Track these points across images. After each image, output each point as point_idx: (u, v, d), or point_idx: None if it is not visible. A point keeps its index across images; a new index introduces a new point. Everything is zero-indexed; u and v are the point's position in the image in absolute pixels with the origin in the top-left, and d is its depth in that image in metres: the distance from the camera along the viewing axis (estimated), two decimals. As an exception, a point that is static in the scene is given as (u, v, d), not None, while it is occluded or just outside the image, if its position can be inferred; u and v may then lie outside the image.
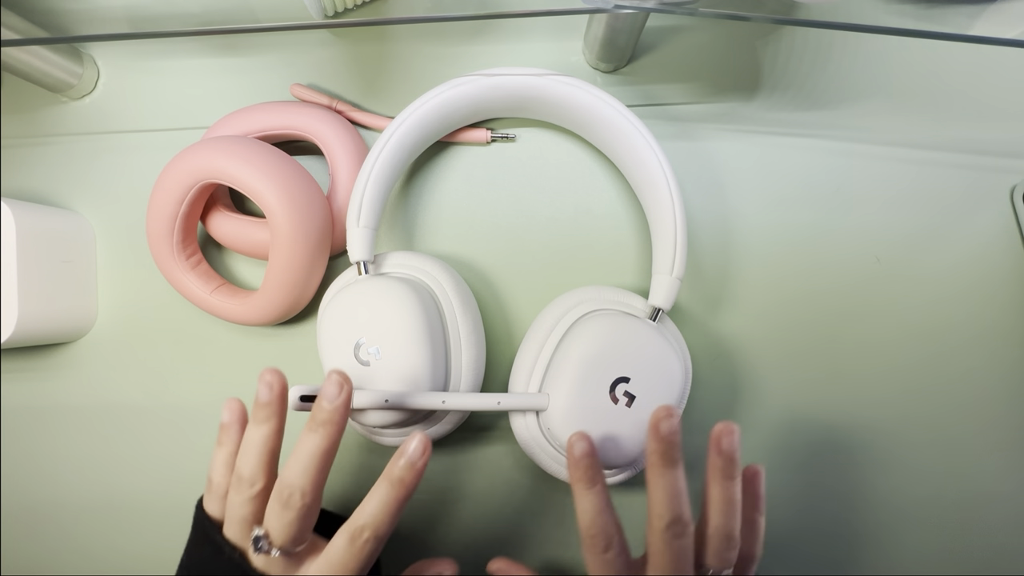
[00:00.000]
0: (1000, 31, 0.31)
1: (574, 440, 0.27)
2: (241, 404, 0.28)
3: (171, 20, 0.36)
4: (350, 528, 0.25)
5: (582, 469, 0.26)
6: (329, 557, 0.25)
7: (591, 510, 0.26)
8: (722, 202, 0.37)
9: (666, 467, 0.25)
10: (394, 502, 0.25)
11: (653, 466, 0.25)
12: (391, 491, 0.25)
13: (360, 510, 0.25)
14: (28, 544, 0.37)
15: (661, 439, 0.25)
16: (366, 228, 0.32)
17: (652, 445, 0.25)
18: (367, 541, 0.24)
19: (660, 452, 0.25)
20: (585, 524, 0.26)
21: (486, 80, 0.33)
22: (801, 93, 0.37)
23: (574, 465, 0.26)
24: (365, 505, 0.25)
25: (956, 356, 0.36)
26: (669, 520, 0.25)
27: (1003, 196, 0.37)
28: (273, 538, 0.25)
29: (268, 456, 0.26)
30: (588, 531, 0.26)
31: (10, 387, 0.38)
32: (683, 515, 0.25)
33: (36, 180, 0.39)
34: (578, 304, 0.32)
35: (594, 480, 0.26)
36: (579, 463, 0.26)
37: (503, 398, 0.30)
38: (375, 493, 0.25)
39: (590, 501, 0.26)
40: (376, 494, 0.25)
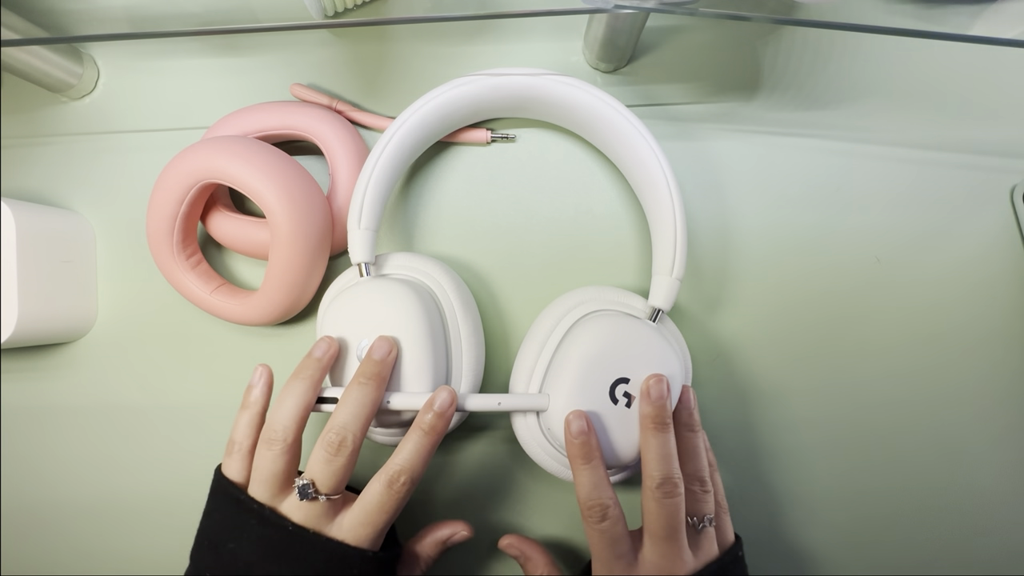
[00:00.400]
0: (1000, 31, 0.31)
1: (571, 419, 0.28)
2: (270, 370, 0.30)
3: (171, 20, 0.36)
4: (387, 473, 0.26)
5: (578, 446, 0.28)
6: (366, 502, 0.27)
7: (588, 483, 0.27)
8: (722, 202, 0.37)
9: (657, 430, 0.27)
10: (426, 448, 0.27)
11: (645, 430, 0.28)
12: (423, 438, 0.27)
13: (395, 457, 0.27)
14: (28, 544, 0.37)
15: (652, 403, 0.28)
16: (367, 230, 0.32)
17: (644, 409, 0.28)
18: (403, 484, 0.26)
19: (651, 416, 0.27)
20: (583, 497, 0.27)
21: (487, 80, 0.33)
22: (801, 93, 0.37)
23: (571, 442, 0.28)
24: (399, 452, 0.27)
25: (956, 356, 0.36)
26: (660, 479, 0.27)
27: (1003, 196, 0.37)
28: (319, 485, 0.26)
29: (303, 411, 0.27)
30: (586, 503, 0.27)
31: (10, 387, 0.38)
32: (673, 475, 0.27)
33: (36, 180, 0.39)
34: (578, 305, 0.32)
35: (590, 456, 0.28)
36: (576, 439, 0.28)
37: (504, 399, 0.30)
38: (408, 441, 0.27)
39: (587, 475, 0.27)
40: (409, 442, 0.27)
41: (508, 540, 0.32)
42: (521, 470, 0.36)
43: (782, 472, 0.36)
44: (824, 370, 0.36)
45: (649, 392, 0.28)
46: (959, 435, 0.36)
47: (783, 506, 0.36)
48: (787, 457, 0.36)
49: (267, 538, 0.26)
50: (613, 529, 0.27)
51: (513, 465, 0.36)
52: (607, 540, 0.27)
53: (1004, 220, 0.37)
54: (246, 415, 0.29)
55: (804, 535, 0.36)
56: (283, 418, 0.27)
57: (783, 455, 0.36)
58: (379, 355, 0.28)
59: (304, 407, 0.27)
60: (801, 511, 0.36)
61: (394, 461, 0.27)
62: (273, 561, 0.26)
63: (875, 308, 0.36)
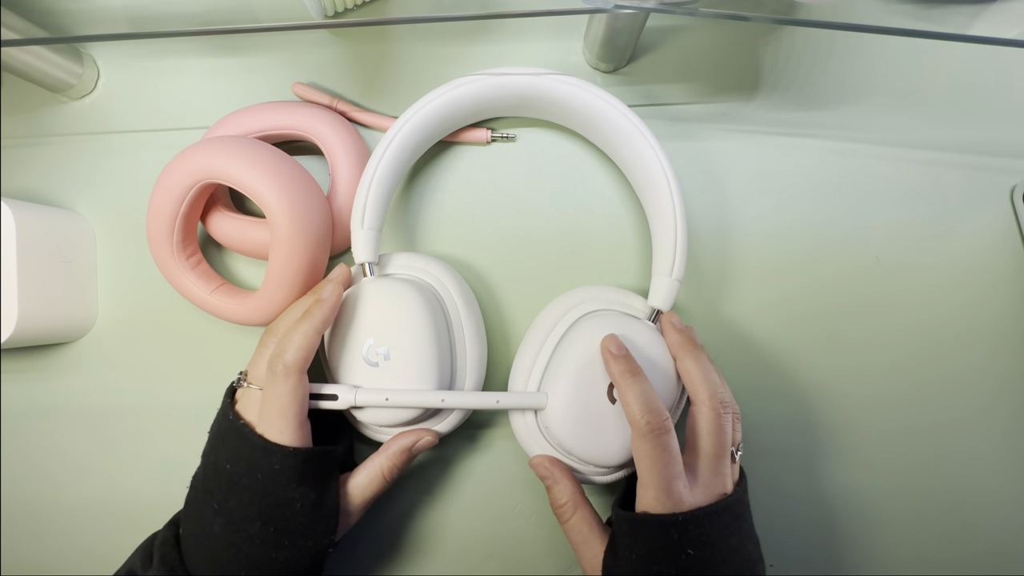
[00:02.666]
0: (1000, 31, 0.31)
1: (608, 340, 0.28)
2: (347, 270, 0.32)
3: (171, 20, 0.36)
4: (269, 364, 0.28)
5: (624, 362, 0.28)
6: (265, 395, 0.28)
7: (643, 396, 0.27)
8: (722, 202, 0.37)
9: (694, 350, 0.29)
10: (301, 328, 0.28)
11: (683, 352, 0.29)
12: (300, 322, 0.28)
13: (277, 345, 0.28)
14: (28, 544, 0.37)
15: (617, 358, 0.28)
16: (370, 230, 0.32)
17: (672, 337, 0.30)
18: (283, 369, 0.27)
19: (621, 370, 0.28)
20: (640, 411, 0.26)
21: (488, 80, 0.33)
22: (801, 93, 0.37)
23: (615, 359, 0.28)
24: (281, 341, 0.28)
25: (956, 356, 0.36)
26: (716, 395, 0.28)
27: (1003, 196, 0.37)
28: (249, 375, 0.30)
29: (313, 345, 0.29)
30: (645, 417, 0.26)
31: (10, 387, 0.38)
32: (723, 392, 0.29)
33: (36, 180, 0.39)
34: (578, 304, 0.32)
35: (636, 370, 0.28)
36: (619, 357, 0.28)
37: (502, 397, 0.30)
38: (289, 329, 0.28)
39: (639, 388, 0.27)
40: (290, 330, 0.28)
41: (538, 459, 0.31)
42: (519, 468, 0.36)
43: (780, 471, 0.36)
44: (824, 369, 0.36)
45: (611, 349, 0.28)
46: (959, 434, 0.36)
47: (780, 505, 0.36)
48: (786, 456, 0.36)
49: (218, 425, 0.29)
50: (672, 444, 0.26)
51: (511, 463, 0.36)
52: (669, 456, 0.26)
53: (1004, 220, 0.37)
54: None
55: (801, 534, 0.36)
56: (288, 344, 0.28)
57: (782, 454, 0.36)
58: (335, 275, 0.31)
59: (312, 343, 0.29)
60: (798, 510, 0.36)
61: (275, 350, 0.28)
62: (220, 447, 0.28)
63: (875, 308, 0.36)
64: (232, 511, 0.27)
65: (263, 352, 0.30)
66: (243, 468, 0.27)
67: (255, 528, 0.27)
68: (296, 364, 0.27)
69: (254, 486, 0.27)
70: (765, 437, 0.36)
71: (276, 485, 0.27)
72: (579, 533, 0.29)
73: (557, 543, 0.36)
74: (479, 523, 0.36)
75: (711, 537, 0.26)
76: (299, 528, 0.27)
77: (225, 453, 0.28)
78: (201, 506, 0.28)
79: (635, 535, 0.27)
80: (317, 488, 0.28)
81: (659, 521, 0.26)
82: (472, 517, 0.36)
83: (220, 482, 0.27)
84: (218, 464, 0.28)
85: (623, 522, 0.27)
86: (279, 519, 0.27)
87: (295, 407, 0.27)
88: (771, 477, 0.36)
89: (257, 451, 0.27)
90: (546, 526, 0.36)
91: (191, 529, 0.28)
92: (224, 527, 0.27)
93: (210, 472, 0.28)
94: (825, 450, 0.36)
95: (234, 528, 0.27)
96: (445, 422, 0.32)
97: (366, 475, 0.30)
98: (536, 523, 0.36)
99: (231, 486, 0.27)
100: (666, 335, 0.30)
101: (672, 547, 0.26)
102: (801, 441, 0.36)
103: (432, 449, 0.36)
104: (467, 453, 0.36)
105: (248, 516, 0.27)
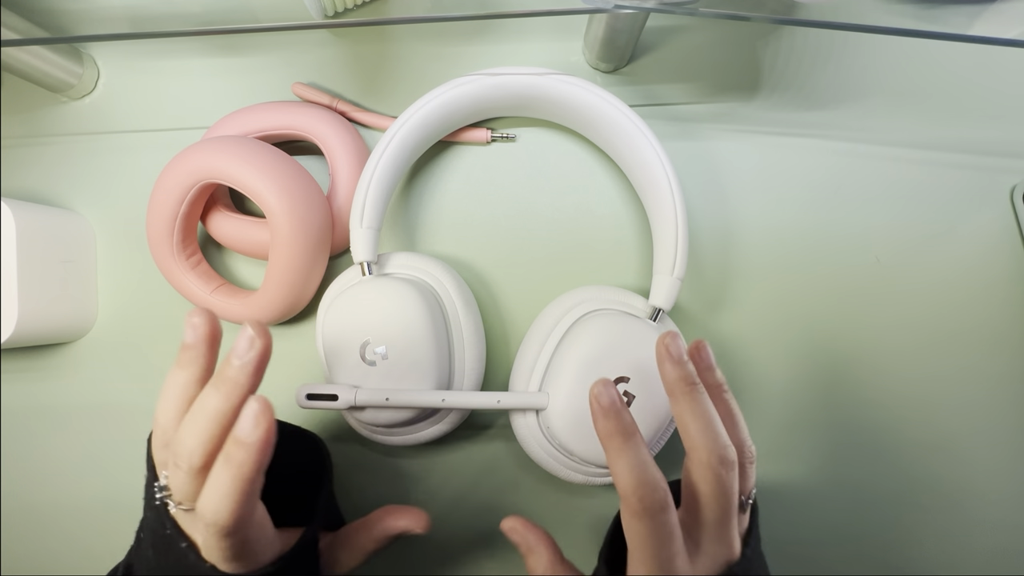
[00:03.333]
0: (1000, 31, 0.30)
1: (597, 390, 0.23)
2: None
3: (171, 20, 0.36)
4: (200, 515, 0.21)
5: (615, 421, 0.22)
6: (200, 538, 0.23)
7: (636, 466, 0.22)
8: (722, 202, 0.37)
9: (692, 393, 0.23)
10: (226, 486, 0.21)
11: (679, 395, 0.24)
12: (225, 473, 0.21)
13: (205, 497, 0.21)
14: (28, 544, 0.37)
15: (608, 414, 0.23)
16: (369, 229, 0.32)
17: (670, 373, 0.24)
18: (215, 536, 0.21)
19: (680, 378, 0.23)
20: (632, 483, 0.22)
21: (488, 80, 0.33)
22: (801, 93, 0.37)
23: (604, 415, 0.23)
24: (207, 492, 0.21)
25: (956, 356, 0.36)
26: (718, 451, 0.23)
27: (1003, 196, 0.37)
28: (174, 494, 0.23)
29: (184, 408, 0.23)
30: (636, 491, 0.21)
31: (10, 387, 0.38)
32: (728, 444, 0.23)
33: (36, 180, 0.39)
34: (578, 304, 0.32)
35: (629, 431, 0.22)
36: (609, 412, 0.22)
37: (503, 397, 0.30)
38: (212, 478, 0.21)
39: (632, 456, 0.22)
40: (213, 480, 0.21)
41: (511, 523, 0.27)
42: (520, 469, 0.36)
43: (780, 471, 0.36)
44: (824, 369, 0.36)
45: (669, 351, 0.23)
46: (958, 434, 0.36)
47: (780, 505, 0.36)
48: (786, 456, 0.36)
49: (156, 531, 0.24)
50: (670, 521, 0.22)
51: (512, 464, 0.36)
52: (665, 535, 0.22)
53: (1004, 220, 0.37)
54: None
55: (801, 534, 0.36)
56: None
57: (782, 454, 0.36)
58: (238, 356, 0.22)
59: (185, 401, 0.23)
60: (798, 510, 0.36)
61: (205, 503, 0.21)
62: (162, 560, 0.23)
63: (875, 308, 0.36)
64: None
65: (176, 472, 0.22)
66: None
67: None
68: (238, 523, 0.21)
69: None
70: (765, 437, 0.36)
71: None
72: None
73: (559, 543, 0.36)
74: (479, 522, 0.36)
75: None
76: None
77: (169, 572, 0.23)
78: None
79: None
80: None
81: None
82: (472, 516, 0.36)
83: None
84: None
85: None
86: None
87: (249, 546, 0.22)
88: (770, 477, 0.36)
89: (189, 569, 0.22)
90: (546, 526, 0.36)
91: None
92: None
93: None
94: (824, 449, 0.36)
95: None
96: (444, 422, 0.32)
97: (349, 556, 0.27)
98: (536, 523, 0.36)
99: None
100: (660, 365, 0.24)
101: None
102: (800, 440, 0.36)
103: (432, 450, 0.36)
104: (467, 453, 0.36)
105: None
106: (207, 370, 0.23)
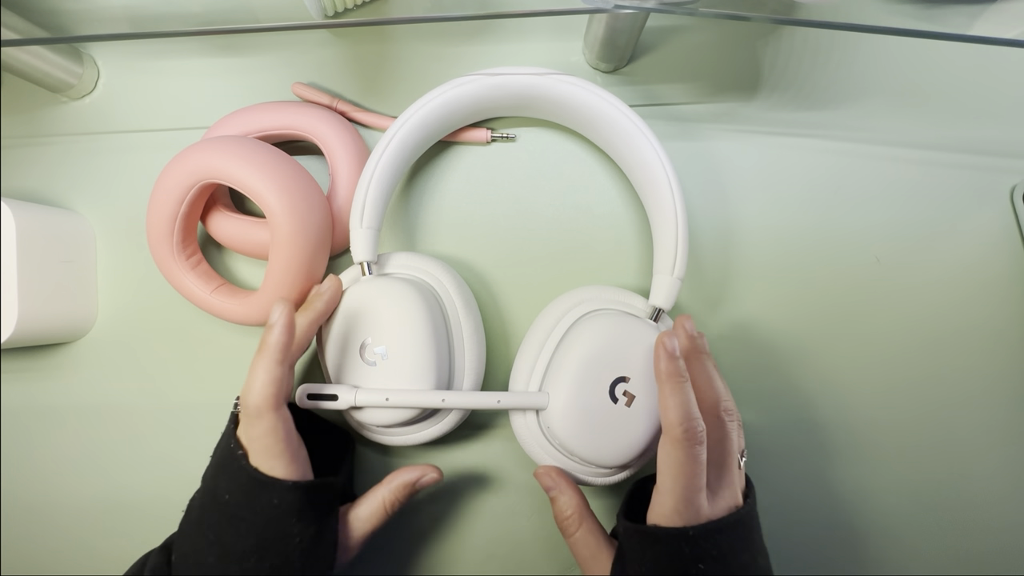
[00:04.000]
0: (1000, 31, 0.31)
1: (664, 339, 0.27)
2: None
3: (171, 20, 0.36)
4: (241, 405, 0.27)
5: (674, 364, 0.27)
6: (245, 438, 0.27)
7: (684, 403, 0.26)
8: (722, 202, 0.37)
9: (680, 383, 0.27)
10: (259, 369, 0.26)
11: (664, 386, 0.27)
12: (256, 359, 0.27)
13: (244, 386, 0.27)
14: (28, 544, 0.37)
15: (670, 358, 0.27)
16: (369, 229, 0.32)
17: (663, 365, 0.27)
18: (251, 413, 0.26)
19: (669, 372, 0.27)
20: (679, 417, 0.26)
21: (488, 80, 0.33)
22: (801, 93, 0.37)
23: (667, 359, 0.27)
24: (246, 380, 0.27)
25: (956, 356, 0.36)
26: (733, 408, 0.28)
27: (1003, 196, 0.37)
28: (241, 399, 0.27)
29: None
30: (682, 424, 0.25)
31: (10, 387, 0.38)
32: (700, 422, 0.26)
33: (36, 180, 0.39)
34: (579, 304, 0.32)
35: (683, 375, 0.27)
36: (671, 357, 0.27)
37: (503, 397, 0.30)
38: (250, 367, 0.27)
39: (682, 395, 0.26)
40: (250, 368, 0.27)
41: (544, 469, 0.30)
42: (520, 469, 0.36)
43: (780, 471, 0.36)
44: (824, 369, 0.36)
45: (685, 327, 0.29)
46: (958, 434, 0.36)
47: (779, 504, 0.36)
48: (786, 456, 0.36)
49: (220, 450, 0.28)
50: (703, 456, 0.25)
51: (512, 464, 0.36)
52: (698, 467, 0.25)
53: (1004, 220, 0.37)
54: None
55: (801, 534, 0.36)
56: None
57: (782, 454, 0.36)
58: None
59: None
60: (798, 510, 0.36)
61: (243, 390, 0.27)
62: (220, 474, 0.27)
63: (875, 307, 0.36)
64: (228, 544, 0.26)
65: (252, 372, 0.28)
66: (241, 500, 0.26)
67: (251, 562, 0.26)
68: (265, 403, 0.26)
69: (252, 519, 0.26)
70: (765, 436, 0.36)
71: (274, 520, 0.26)
72: (586, 547, 0.29)
73: (557, 543, 0.36)
74: (479, 523, 0.36)
75: (723, 551, 0.25)
76: (296, 563, 0.26)
77: (225, 482, 0.27)
78: (196, 536, 0.27)
79: (645, 549, 0.26)
80: (317, 522, 0.27)
81: (670, 535, 0.25)
82: (472, 517, 0.36)
83: (217, 513, 0.27)
84: (217, 492, 0.27)
85: (633, 535, 0.27)
86: (276, 554, 0.26)
87: (280, 444, 0.27)
88: (771, 476, 0.36)
89: (255, 484, 0.26)
90: (546, 526, 0.36)
91: (184, 558, 0.27)
92: (219, 559, 0.26)
93: (208, 500, 0.27)
94: (825, 449, 0.36)
95: (229, 561, 0.26)
96: (444, 422, 0.32)
97: (367, 508, 0.29)
98: (536, 523, 0.36)
99: (229, 518, 0.26)
100: (677, 338, 0.29)
101: (683, 561, 0.25)
102: (801, 440, 0.36)
103: (432, 450, 0.36)
104: (467, 453, 0.36)
105: (244, 550, 0.26)
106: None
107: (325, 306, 0.30)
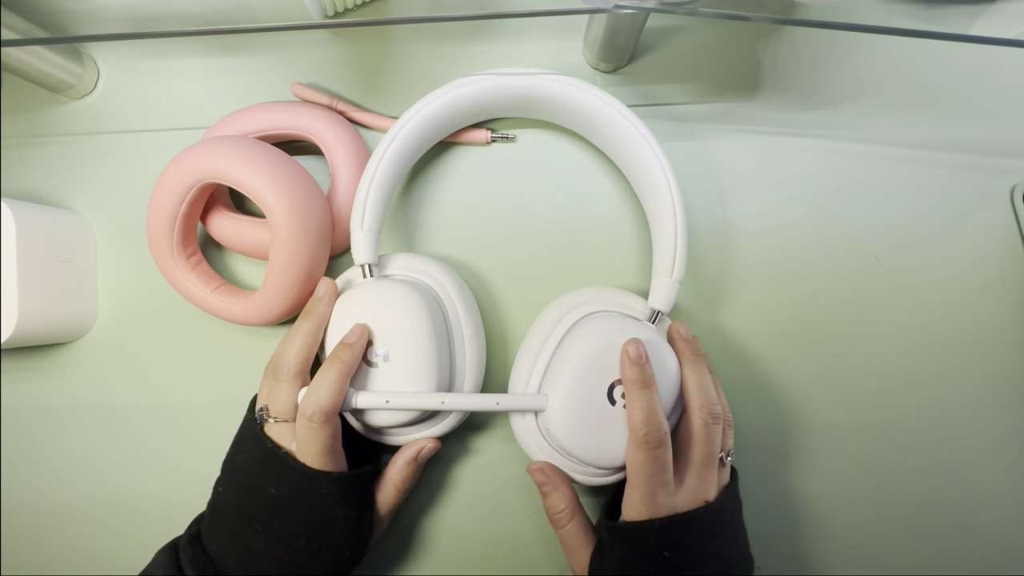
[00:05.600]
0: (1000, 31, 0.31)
1: (630, 345, 0.29)
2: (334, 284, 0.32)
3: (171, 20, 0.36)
4: (302, 412, 0.28)
5: (639, 370, 0.28)
6: (298, 437, 0.29)
7: (647, 407, 0.28)
8: (722, 202, 0.37)
9: (696, 361, 0.30)
10: (330, 377, 0.28)
11: (685, 363, 0.30)
12: (328, 369, 0.29)
13: (307, 394, 0.28)
14: (28, 544, 0.37)
15: (634, 364, 0.28)
16: (370, 231, 0.32)
17: (628, 371, 0.28)
18: (316, 417, 0.28)
19: (634, 378, 0.28)
20: (641, 420, 0.28)
21: (489, 80, 0.33)
22: (801, 93, 0.37)
23: (631, 364, 0.28)
24: (310, 388, 0.28)
25: (956, 356, 0.36)
26: (708, 406, 0.29)
27: (1003, 196, 0.37)
28: (270, 409, 0.30)
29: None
30: (642, 427, 0.27)
31: (10, 387, 0.38)
32: (716, 404, 0.29)
33: (36, 180, 0.39)
34: (578, 305, 0.32)
35: (648, 381, 0.28)
36: (635, 364, 0.28)
37: (502, 398, 0.30)
38: (318, 375, 0.29)
39: (646, 400, 0.28)
40: (318, 375, 0.29)
41: (538, 464, 0.31)
42: (519, 470, 0.36)
43: (780, 471, 0.36)
44: (824, 370, 0.36)
45: (679, 331, 0.31)
46: (958, 433, 0.36)
47: (780, 504, 0.36)
48: (786, 457, 0.36)
49: (254, 453, 0.30)
50: (665, 456, 0.28)
51: (511, 465, 0.36)
52: (658, 466, 0.27)
53: (1004, 220, 0.37)
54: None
55: (799, 533, 0.36)
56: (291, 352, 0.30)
57: (782, 454, 0.36)
58: (317, 292, 0.31)
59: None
60: (798, 510, 0.36)
61: (306, 399, 0.28)
62: (260, 473, 0.29)
63: (875, 308, 0.36)
64: (276, 530, 0.28)
65: (278, 387, 0.30)
66: (290, 492, 0.29)
67: (300, 543, 0.28)
68: (332, 412, 0.28)
69: (300, 508, 0.29)
70: (764, 436, 0.36)
71: (321, 506, 0.29)
72: (574, 539, 0.31)
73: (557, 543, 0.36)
74: (479, 523, 0.36)
75: (688, 541, 0.27)
76: (340, 542, 0.29)
77: (268, 479, 0.29)
78: (235, 527, 0.29)
79: (616, 542, 0.29)
80: (358, 505, 0.30)
81: (638, 528, 0.28)
82: (472, 517, 0.36)
83: (262, 505, 0.29)
84: (258, 489, 0.29)
85: (606, 530, 0.29)
86: (322, 535, 0.29)
87: (334, 444, 0.29)
88: (770, 476, 0.36)
89: (303, 478, 0.28)
90: (546, 526, 0.36)
91: (226, 547, 0.29)
92: (267, 544, 0.28)
93: (246, 495, 0.29)
94: (825, 449, 0.36)
95: (278, 545, 0.28)
96: (444, 423, 0.32)
97: (383, 491, 0.32)
98: (536, 523, 0.36)
99: (276, 508, 0.29)
100: (673, 343, 0.31)
101: (649, 551, 0.27)
102: (801, 440, 0.36)
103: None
104: (467, 454, 0.36)
105: (293, 534, 0.28)
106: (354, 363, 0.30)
107: (327, 309, 0.31)
